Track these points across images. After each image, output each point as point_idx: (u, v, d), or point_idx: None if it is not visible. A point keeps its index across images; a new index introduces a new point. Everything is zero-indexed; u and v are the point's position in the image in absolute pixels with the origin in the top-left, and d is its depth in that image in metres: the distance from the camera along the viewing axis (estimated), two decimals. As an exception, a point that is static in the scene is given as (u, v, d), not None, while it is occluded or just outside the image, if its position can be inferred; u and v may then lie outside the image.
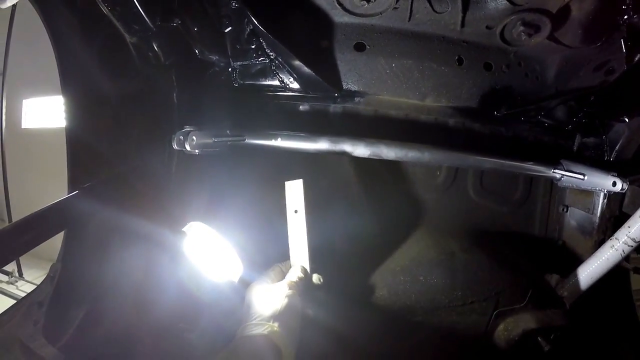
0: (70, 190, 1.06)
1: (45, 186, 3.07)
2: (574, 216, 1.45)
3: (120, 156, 1.16)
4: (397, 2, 1.07)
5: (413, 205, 1.39)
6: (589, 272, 1.24)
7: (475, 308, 1.18)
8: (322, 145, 1.16)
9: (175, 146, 1.14)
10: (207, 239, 1.11)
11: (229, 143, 1.18)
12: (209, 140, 1.14)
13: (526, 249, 1.43)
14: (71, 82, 1.07)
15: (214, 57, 1.17)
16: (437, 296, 1.16)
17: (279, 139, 1.18)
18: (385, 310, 1.15)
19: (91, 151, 1.12)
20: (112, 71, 1.13)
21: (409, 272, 1.19)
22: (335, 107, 1.26)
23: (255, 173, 1.34)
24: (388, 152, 1.15)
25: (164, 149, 1.18)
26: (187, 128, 1.13)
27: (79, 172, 1.09)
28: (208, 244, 1.10)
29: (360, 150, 1.15)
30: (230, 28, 1.14)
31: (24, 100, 4.77)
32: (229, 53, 1.18)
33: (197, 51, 1.16)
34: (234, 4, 1.11)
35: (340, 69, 1.19)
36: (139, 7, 0.97)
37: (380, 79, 1.19)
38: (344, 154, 1.17)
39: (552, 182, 1.41)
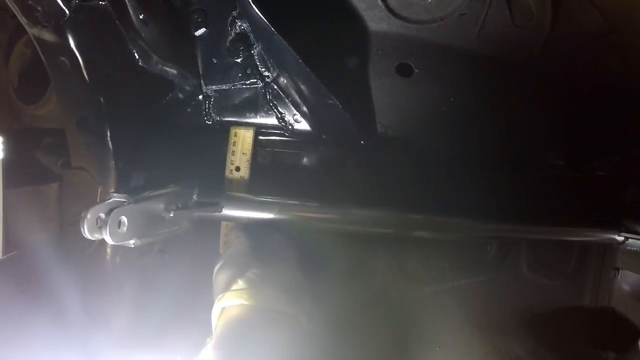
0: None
1: None
2: (626, 280, 1.21)
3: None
4: (470, 3, 0.71)
5: (456, 293, 0.99)
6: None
7: None
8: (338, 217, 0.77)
9: (86, 233, 0.60)
10: None
11: (195, 215, 0.71)
12: (161, 213, 0.65)
13: (579, 325, 1.14)
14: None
15: (173, 73, 0.68)
16: None
17: (277, 210, 0.74)
18: None
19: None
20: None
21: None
22: (355, 162, 0.84)
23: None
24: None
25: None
26: (114, 197, 0.61)
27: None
28: None
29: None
30: (204, 29, 0.67)
31: None
32: (200, 70, 0.71)
33: (137, 54, 0.63)
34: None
35: (375, 102, 0.78)
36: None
37: (433, 118, 0.80)
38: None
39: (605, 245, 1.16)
